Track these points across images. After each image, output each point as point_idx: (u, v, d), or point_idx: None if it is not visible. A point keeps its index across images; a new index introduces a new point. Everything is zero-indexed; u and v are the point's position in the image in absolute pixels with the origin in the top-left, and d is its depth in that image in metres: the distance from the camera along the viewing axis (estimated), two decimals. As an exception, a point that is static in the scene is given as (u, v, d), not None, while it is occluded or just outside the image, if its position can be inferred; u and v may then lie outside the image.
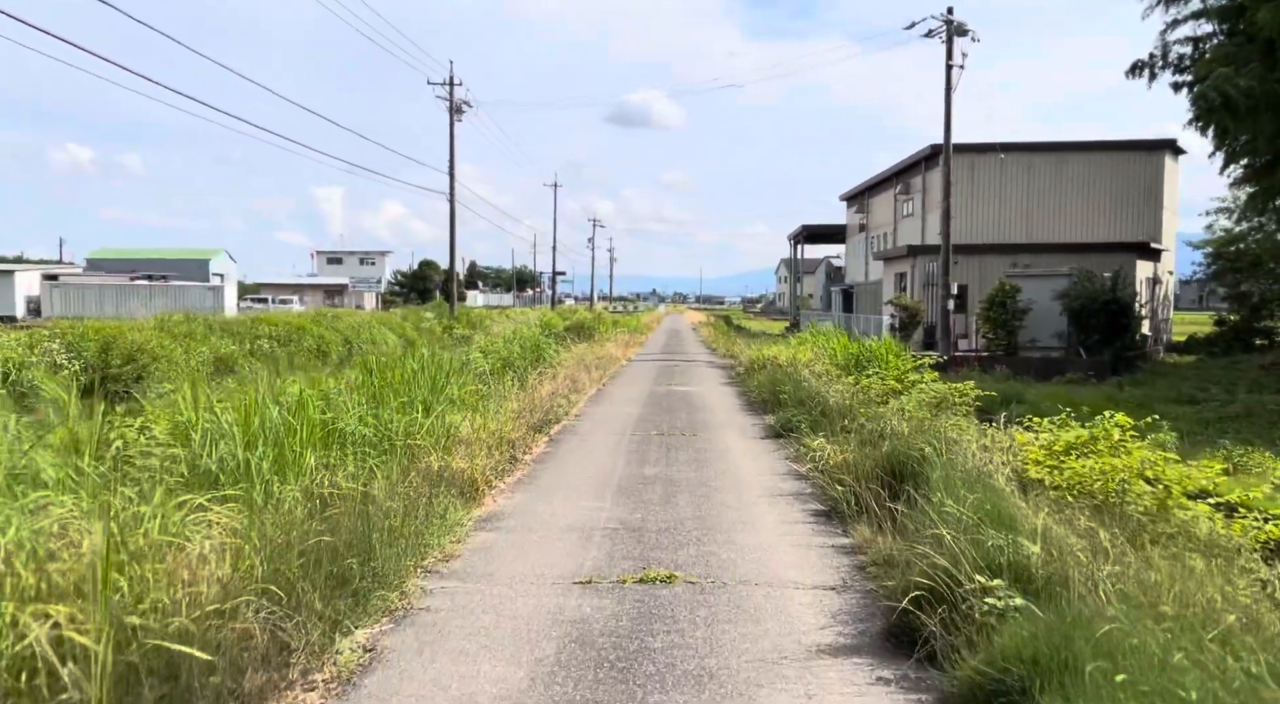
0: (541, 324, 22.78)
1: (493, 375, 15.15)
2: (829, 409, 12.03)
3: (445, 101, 44.38)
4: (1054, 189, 37.94)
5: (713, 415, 14.66)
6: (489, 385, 13.77)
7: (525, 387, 16.17)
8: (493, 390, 14.10)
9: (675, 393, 18.15)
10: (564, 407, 14.95)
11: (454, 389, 11.89)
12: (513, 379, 16.22)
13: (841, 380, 15.38)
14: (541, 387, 16.70)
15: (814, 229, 54.15)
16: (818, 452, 9.45)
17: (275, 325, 27.67)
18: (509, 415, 12.12)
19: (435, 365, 11.56)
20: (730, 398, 17.44)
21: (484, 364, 14.17)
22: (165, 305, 60.12)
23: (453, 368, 12.51)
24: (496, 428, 10.90)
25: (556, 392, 16.61)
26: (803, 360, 17.94)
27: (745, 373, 20.62)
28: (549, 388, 16.88)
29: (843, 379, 15.47)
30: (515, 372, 16.86)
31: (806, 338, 21.34)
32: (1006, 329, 29.65)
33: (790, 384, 15.04)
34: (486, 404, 12.47)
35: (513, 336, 19.72)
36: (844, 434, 10.78)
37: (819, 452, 9.43)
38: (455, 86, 44.62)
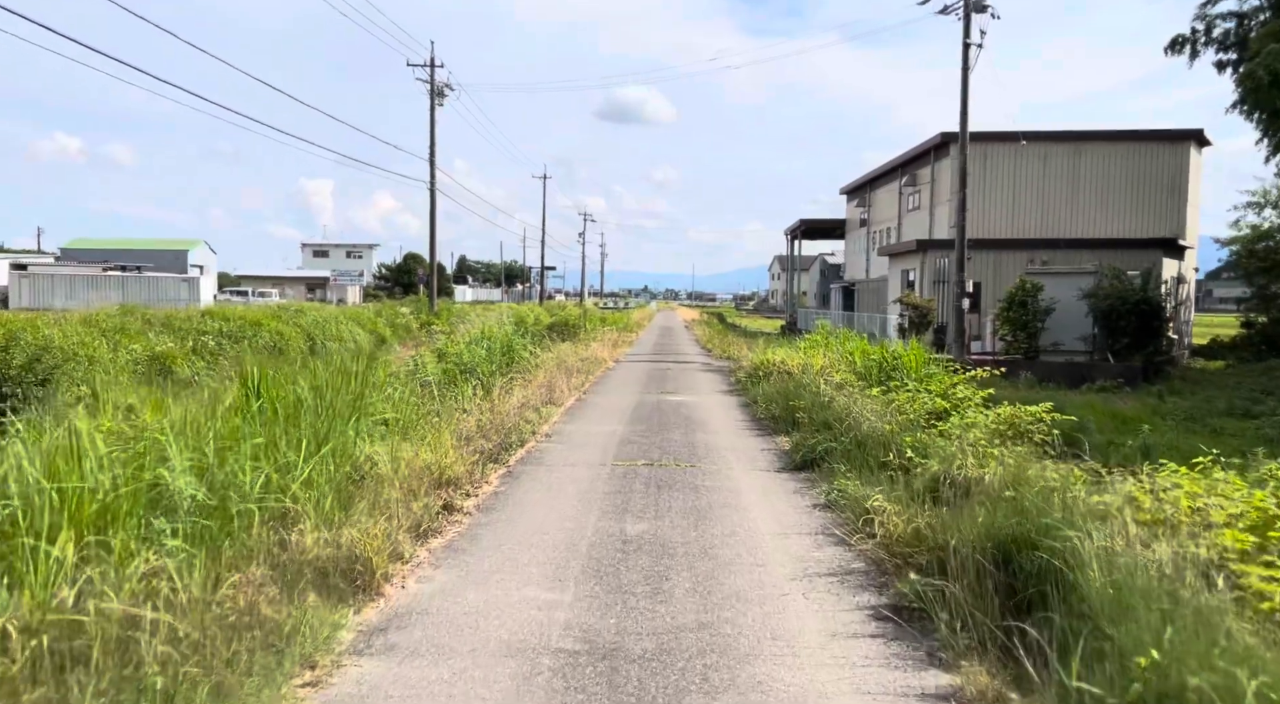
0: (519, 321, 20.10)
1: (448, 384, 12.47)
2: (864, 436, 9.37)
3: (426, 83, 41.58)
4: (1071, 181, 35.36)
5: (714, 436, 11.97)
6: (439, 399, 11.07)
7: (491, 396, 13.49)
8: (445, 405, 11.40)
9: (668, 404, 15.47)
10: (533, 423, 12.26)
11: (383, 406, 9.19)
12: (475, 388, 13.54)
13: (866, 393, 12.73)
14: (509, 397, 14.01)
15: (812, 224, 51.51)
16: (871, 511, 6.73)
17: (228, 320, 24.87)
18: (454, 441, 9.42)
19: (359, 376, 8.84)
20: (732, 411, 14.76)
21: (434, 371, 11.45)
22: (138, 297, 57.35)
23: (384, 378, 9.80)
24: (433, 461, 8.21)
25: (527, 403, 13.93)
26: (816, 367, 15.28)
27: (747, 379, 17.95)
28: (519, 398, 14.20)
29: (867, 392, 12.82)
30: (479, 379, 14.17)
31: (817, 340, 18.69)
32: (1027, 331, 27.02)
33: (807, 398, 12.38)
34: (432, 425, 9.78)
35: (480, 336, 17.05)
36: (889, 475, 8.13)
37: (872, 510, 6.71)
38: (436, 68, 41.82)
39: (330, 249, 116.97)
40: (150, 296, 56.85)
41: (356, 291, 71.67)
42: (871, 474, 8.59)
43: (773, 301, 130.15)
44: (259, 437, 5.99)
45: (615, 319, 42.32)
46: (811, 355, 16.38)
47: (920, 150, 38.30)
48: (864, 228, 47.67)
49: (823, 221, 52.43)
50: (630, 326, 42.38)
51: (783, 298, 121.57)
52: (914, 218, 39.69)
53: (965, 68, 28.16)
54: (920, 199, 39.06)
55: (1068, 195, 35.34)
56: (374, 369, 9.94)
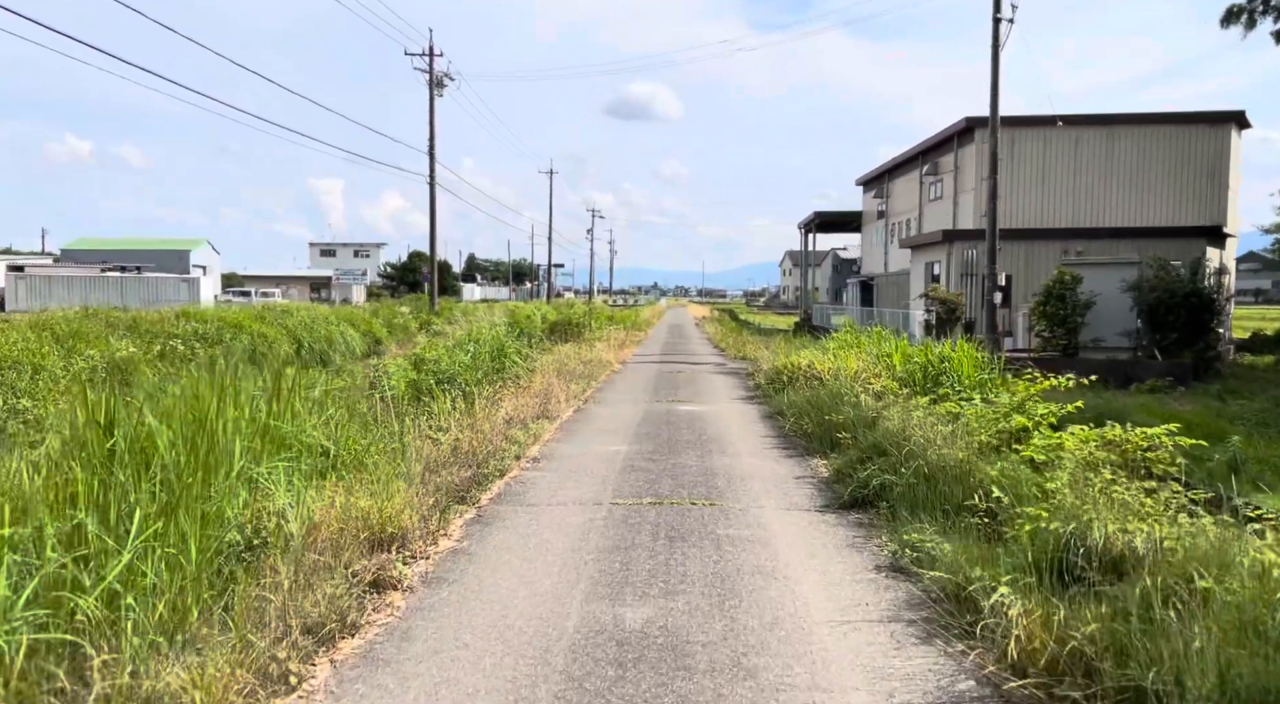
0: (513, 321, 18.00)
1: (416, 399, 10.42)
2: (931, 466, 7.24)
3: (424, 73, 39.55)
4: (1105, 167, 33.04)
5: (735, 459, 9.86)
6: (403, 419, 9.01)
7: (473, 411, 11.43)
8: (412, 425, 9.34)
9: (679, 415, 13.36)
10: (520, 444, 10.19)
11: (319, 434, 7.13)
12: (456, 400, 11.47)
13: (914, 403, 10.61)
14: (496, 410, 11.95)
15: (827, 216, 49.26)
16: (975, 596, 4.60)
17: (205, 322, 22.89)
18: (415, 475, 7.36)
19: (280, 395, 6.77)
20: (754, 424, 12.64)
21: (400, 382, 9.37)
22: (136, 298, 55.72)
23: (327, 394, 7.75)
24: (372, 508, 6.16)
25: (516, 417, 11.86)
26: (850, 372, 13.14)
27: (768, 385, 15.83)
28: (507, 410, 12.14)
29: (916, 401, 10.70)
30: (461, 389, 12.10)
31: (846, 340, 16.54)
32: (1066, 326, 24.80)
33: (847, 411, 10.26)
34: (388, 455, 7.72)
35: (467, 339, 14.99)
36: (975, 524, 6.06)
37: (978, 596, 4.58)
38: (435, 57, 39.80)
39: (338, 248, 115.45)
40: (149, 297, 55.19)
41: (361, 291, 69.78)
42: (947, 519, 6.50)
43: (784, 298, 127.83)
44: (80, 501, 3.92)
45: (623, 317, 40.19)
46: (842, 358, 14.25)
47: (942, 136, 36.04)
48: (881, 219, 45.42)
49: (838, 214, 50.19)
50: (639, 325, 40.21)
51: (795, 294, 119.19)
52: (936, 208, 37.43)
53: (995, 44, 25.96)
54: (943, 188, 36.80)
55: (1101, 182, 33.03)
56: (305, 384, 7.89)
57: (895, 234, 43.05)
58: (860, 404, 10.67)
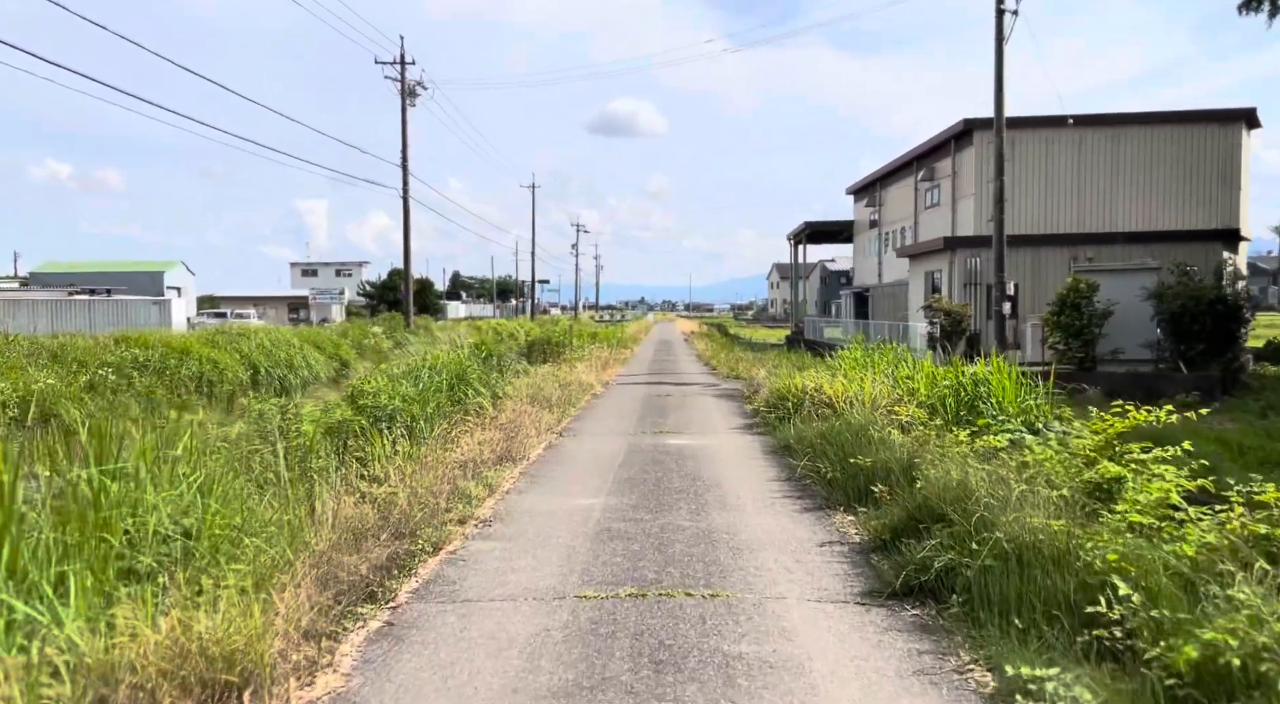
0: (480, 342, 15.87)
1: (342, 446, 8.35)
2: (1016, 541, 5.21)
3: (396, 82, 37.60)
4: (1111, 169, 31.29)
5: (740, 516, 7.79)
6: (309, 479, 6.93)
7: (419, 455, 9.37)
8: (331, 483, 7.27)
9: (668, 452, 11.30)
10: (471, 498, 8.12)
11: (165, 512, 5.04)
12: (397, 443, 9.40)
13: (952, 438, 8.61)
14: (449, 452, 9.90)
15: (818, 226, 47.39)
16: None
17: (147, 348, 20.69)
18: (294, 574, 5.28)
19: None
20: (757, 463, 10.58)
21: (312, 429, 7.28)
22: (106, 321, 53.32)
23: (193, 446, 5.67)
24: (214, 636, 4.08)
25: (473, 460, 9.80)
26: (868, 397, 11.12)
27: (768, 411, 13.80)
28: (463, 451, 10.09)
29: (954, 436, 8.69)
30: (408, 428, 10.01)
31: (856, 357, 14.52)
32: (1082, 338, 22.90)
33: (878, 451, 8.23)
34: (269, 536, 5.65)
35: (422, 365, 12.89)
36: (1108, 648, 4.05)
37: None
38: (407, 65, 37.86)
39: (320, 268, 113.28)
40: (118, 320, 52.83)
41: (339, 310, 67.45)
42: (1053, 625, 4.49)
43: (772, 310, 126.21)
44: None
45: (607, 334, 38.09)
46: (855, 380, 12.22)
47: (938, 141, 34.28)
48: (874, 229, 43.61)
49: (829, 224, 48.36)
50: (624, 341, 38.10)
51: (783, 307, 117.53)
52: (932, 215, 35.63)
53: (999, 37, 24.22)
54: (940, 195, 35.00)
55: (1107, 185, 31.27)
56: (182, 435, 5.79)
57: (889, 243, 41.24)
58: (890, 442, 8.65)
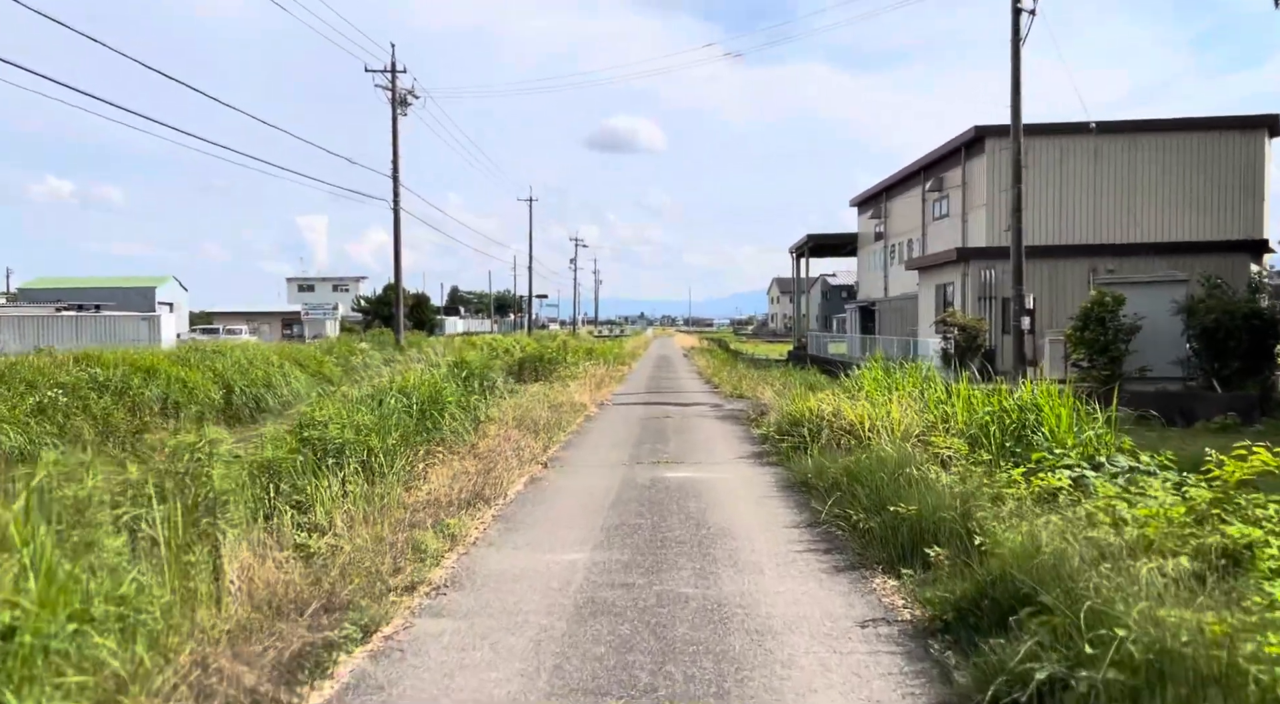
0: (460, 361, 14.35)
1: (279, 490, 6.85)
2: (1154, 647, 3.72)
3: (386, 90, 36.28)
4: (1128, 178, 29.91)
5: (757, 581, 6.26)
6: (206, 543, 5.44)
7: (375, 496, 7.88)
8: (228, 550, 5.77)
9: (668, 488, 9.79)
10: (426, 556, 6.62)
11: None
12: (347, 482, 7.90)
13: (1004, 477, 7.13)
14: (415, 490, 8.41)
15: (821, 239, 45.97)
16: None
17: (107, 367, 19.19)
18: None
19: None
20: (773, 504, 9.05)
21: (214, 476, 5.78)
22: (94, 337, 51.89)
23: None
24: None
25: (441, 500, 8.31)
26: (897, 426, 9.62)
27: (779, 436, 12.30)
28: (430, 489, 8.59)
29: (1008, 474, 7.21)
30: (364, 463, 8.51)
31: (878, 377, 13.00)
32: (1108, 354, 21.38)
33: (919, 493, 6.73)
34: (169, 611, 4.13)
35: (389, 387, 11.36)
36: None
37: None
38: (399, 74, 36.57)
39: (316, 283, 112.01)
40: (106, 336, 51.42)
41: (334, 326, 66.01)
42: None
43: (772, 325, 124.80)
44: None
45: (604, 350, 36.57)
46: (879, 402, 10.71)
47: (947, 150, 32.91)
48: (880, 241, 42.21)
49: (832, 237, 46.96)
50: (622, 357, 36.57)
51: (783, 322, 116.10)
52: (941, 227, 34.22)
53: (1016, 38, 22.84)
54: (949, 205, 33.60)
55: (1124, 194, 29.88)
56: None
57: (895, 256, 39.83)
58: (933, 483, 7.15)
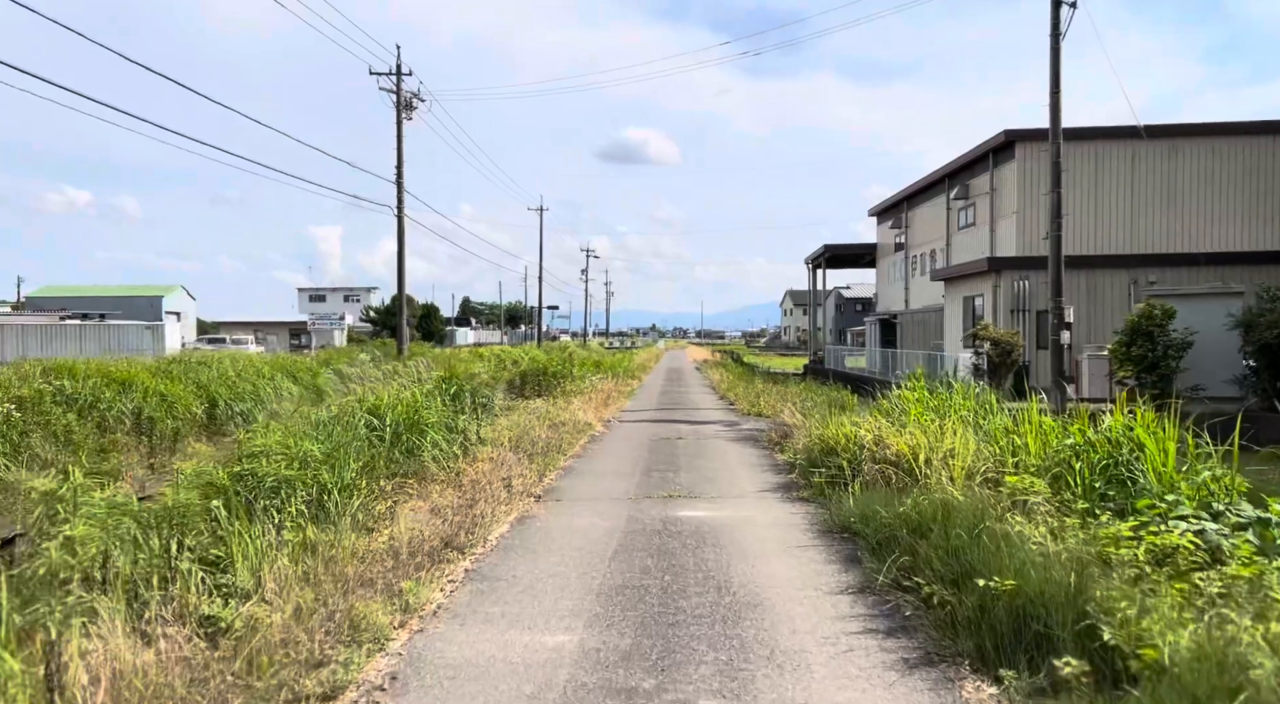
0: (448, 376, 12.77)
1: (182, 545, 5.28)
2: None
3: (392, 93, 34.90)
4: (1167, 185, 28.16)
5: (806, 681, 4.60)
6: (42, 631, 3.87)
7: (323, 544, 6.30)
8: (78, 643, 4.15)
9: (681, 532, 8.14)
10: (362, 639, 5.00)
11: None
12: (285, 528, 6.30)
13: (1107, 532, 5.49)
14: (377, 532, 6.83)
15: (838, 250, 44.27)
16: None
17: (76, 379, 17.71)
18: None
19: None
20: (814, 560, 7.35)
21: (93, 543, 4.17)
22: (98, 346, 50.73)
23: None
24: None
25: (407, 546, 6.71)
26: (960, 461, 7.96)
27: (810, 465, 10.64)
28: (393, 535, 7.00)
29: (1113, 527, 5.56)
30: (313, 503, 6.92)
31: (923, 398, 11.31)
32: (1158, 371, 19.63)
33: (1015, 559, 5.06)
34: None
35: (357, 406, 9.74)
36: None
37: None
38: (404, 76, 35.19)
39: (328, 293, 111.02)
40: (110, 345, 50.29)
41: (341, 336, 64.70)
42: None
43: (785, 338, 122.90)
44: None
45: (612, 363, 34.91)
46: (930, 429, 9.02)
47: (975, 155, 31.22)
48: (900, 252, 40.48)
49: (850, 247, 45.25)
50: (632, 371, 34.90)
51: (797, 334, 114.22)
52: (967, 236, 32.49)
53: (1055, 32, 21.13)
54: (975, 214, 31.88)
55: (1164, 202, 28.12)
56: None
57: (917, 267, 38.11)
58: (1019, 540, 5.49)
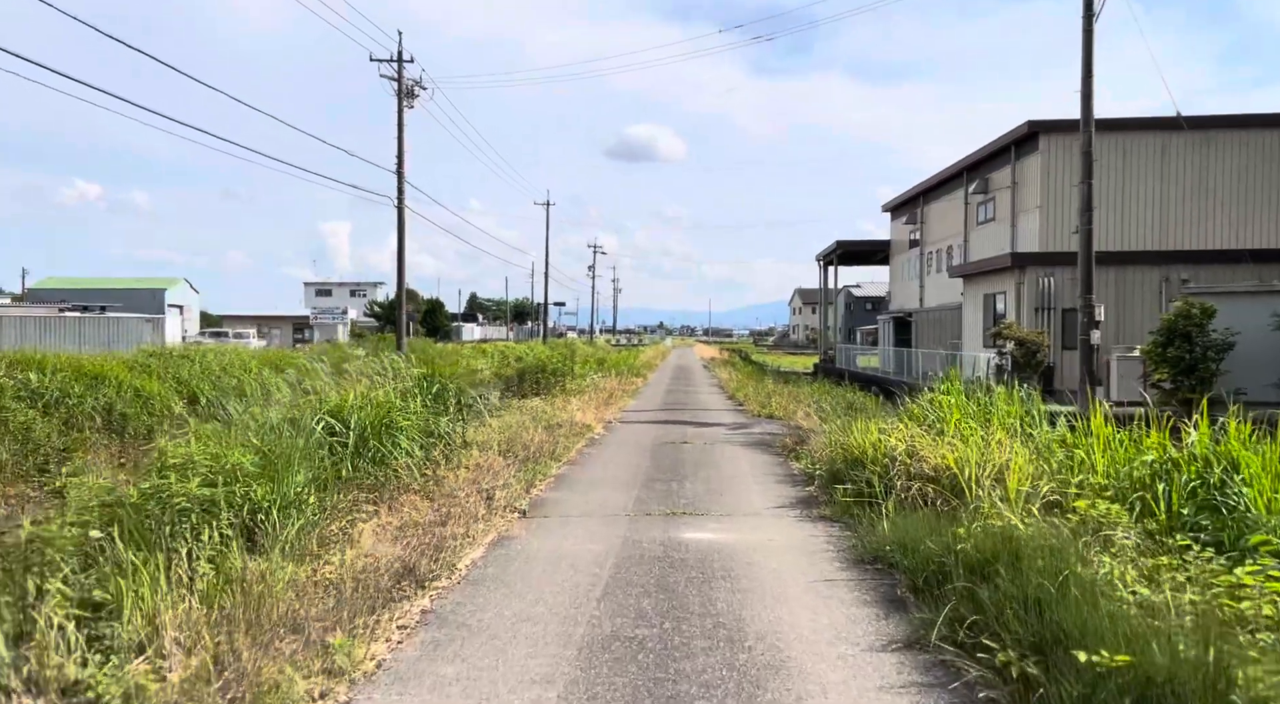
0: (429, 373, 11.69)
1: (42, 588, 4.11)
2: None
3: (392, 80, 33.71)
4: (1199, 179, 26.80)
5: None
6: None
7: (247, 582, 5.07)
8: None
9: (685, 562, 6.91)
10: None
11: None
12: (201, 558, 5.09)
13: (1228, 580, 4.26)
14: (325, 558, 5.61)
15: (850, 246, 42.91)
16: None
17: (44, 372, 16.58)
18: None
19: None
20: (846, 601, 6.08)
21: None
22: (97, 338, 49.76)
23: None
24: None
25: (354, 577, 5.48)
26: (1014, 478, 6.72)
27: (831, 478, 9.41)
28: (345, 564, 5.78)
29: (1232, 574, 4.34)
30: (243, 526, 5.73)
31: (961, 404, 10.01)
32: (1196, 374, 18.31)
33: (1133, 632, 3.84)
34: None
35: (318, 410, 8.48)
36: None
37: None
38: (405, 63, 33.99)
39: (334, 288, 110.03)
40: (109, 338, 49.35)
41: (344, 330, 63.68)
42: None
43: (794, 337, 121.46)
44: None
45: (617, 360, 33.65)
46: (973, 441, 7.78)
47: (995, 148, 29.85)
48: (915, 249, 39.15)
49: (862, 243, 43.89)
50: (637, 369, 33.65)
51: (806, 333, 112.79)
52: (986, 232, 31.15)
53: (1089, 12, 19.80)
54: (995, 208, 30.54)
55: (1195, 197, 26.76)
56: None
57: (932, 264, 36.77)
58: (1103, 586, 4.26)
